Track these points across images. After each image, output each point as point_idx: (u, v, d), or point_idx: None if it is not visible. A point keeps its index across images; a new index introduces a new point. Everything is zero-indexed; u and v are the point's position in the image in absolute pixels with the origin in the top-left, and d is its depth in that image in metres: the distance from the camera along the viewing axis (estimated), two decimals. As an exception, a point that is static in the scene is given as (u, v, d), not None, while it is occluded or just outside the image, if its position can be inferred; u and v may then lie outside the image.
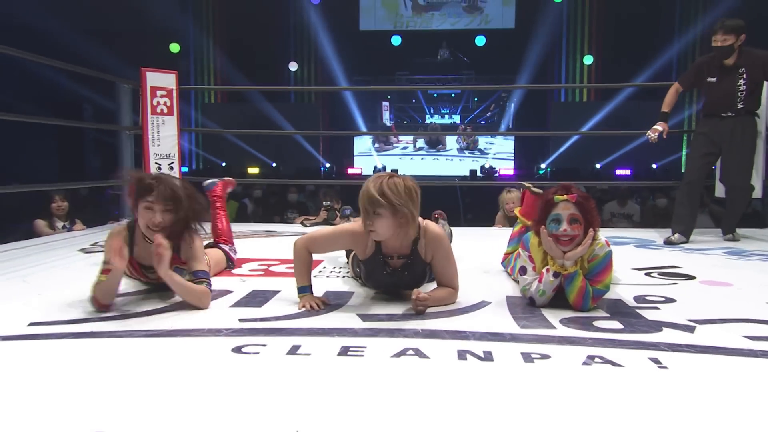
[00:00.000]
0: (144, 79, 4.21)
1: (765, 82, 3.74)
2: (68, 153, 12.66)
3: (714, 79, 3.70)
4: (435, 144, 16.66)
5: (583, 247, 2.01)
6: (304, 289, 2.14)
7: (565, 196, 2.01)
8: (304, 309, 2.04)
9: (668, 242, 3.65)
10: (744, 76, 3.60)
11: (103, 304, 1.97)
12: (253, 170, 13.43)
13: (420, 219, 2.11)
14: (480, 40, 15.58)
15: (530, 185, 2.82)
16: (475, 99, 17.01)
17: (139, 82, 4.32)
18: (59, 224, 4.54)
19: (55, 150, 12.50)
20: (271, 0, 14.98)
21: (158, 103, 4.24)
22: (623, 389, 1.35)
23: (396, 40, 15.87)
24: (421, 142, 16.84)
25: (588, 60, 14.69)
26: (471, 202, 10.34)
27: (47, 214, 4.53)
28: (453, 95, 16.98)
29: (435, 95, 17.05)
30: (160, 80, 4.26)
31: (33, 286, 2.41)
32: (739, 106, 3.64)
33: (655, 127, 3.88)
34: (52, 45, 9.58)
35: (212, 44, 15.40)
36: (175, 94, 4.32)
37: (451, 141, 16.64)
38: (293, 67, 15.70)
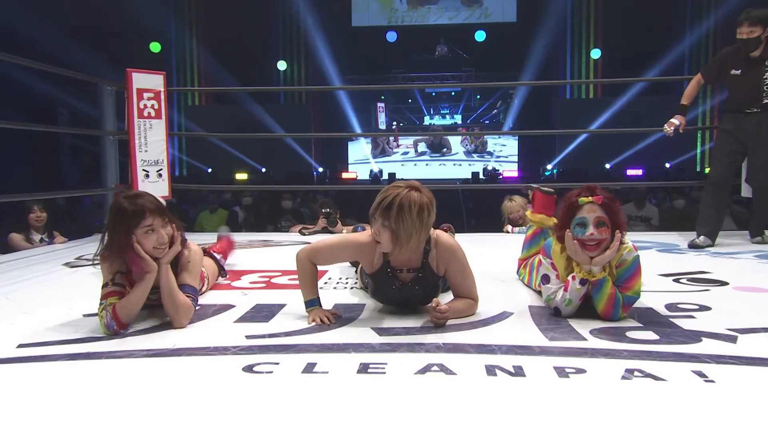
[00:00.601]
0: (130, 80, 4.18)
1: None
2: (43, 160, 12.59)
3: (738, 72, 3.66)
4: (438, 148, 16.56)
5: (612, 251, 1.99)
6: (312, 303, 2.12)
7: (590, 198, 2.00)
8: (314, 323, 2.02)
9: (693, 245, 3.64)
10: None
11: (124, 324, 1.92)
12: (242, 176, 13.40)
13: (432, 230, 2.09)
14: (480, 35, 15.62)
15: (538, 186, 2.83)
16: (478, 96, 17.01)
17: (123, 84, 4.29)
18: (36, 237, 4.48)
19: (29, 157, 12.43)
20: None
21: (145, 105, 4.21)
22: (670, 405, 1.34)
23: (391, 37, 15.91)
24: (422, 147, 16.76)
25: (596, 54, 14.74)
26: (474, 207, 10.36)
27: (23, 227, 4.47)
28: (453, 93, 16.96)
29: (433, 94, 17.04)
30: (147, 81, 4.23)
31: (18, 304, 2.38)
32: (765, 100, 3.60)
33: (671, 120, 3.86)
34: (19, 43, 9.54)
35: (195, 43, 15.39)
36: (163, 97, 4.30)
37: (456, 144, 16.58)
38: (282, 66, 15.70)
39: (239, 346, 1.77)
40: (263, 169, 14.44)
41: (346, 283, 2.72)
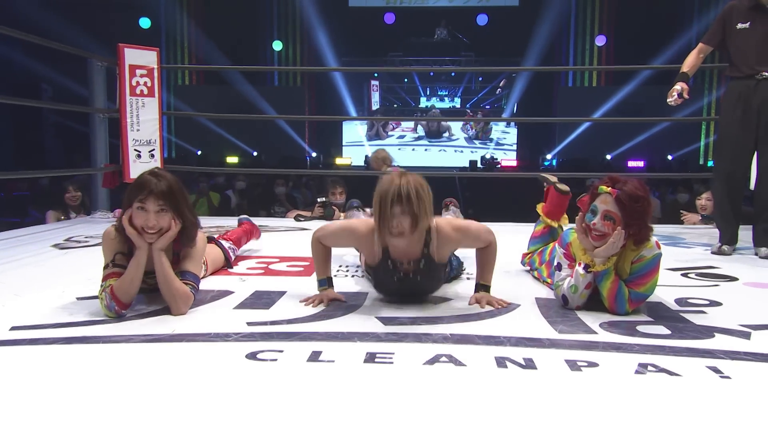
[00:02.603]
0: (122, 56, 4.14)
1: None
2: (25, 138, 12.48)
3: (746, 25, 3.16)
4: (436, 134, 16.44)
5: (607, 247, 1.99)
6: (322, 283, 2.21)
7: (607, 189, 2.00)
8: (321, 304, 2.08)
9: (719, 253, 3.26)
10: None
11: (125, 304, 1.92)
12: (232, 159, 13.34)
13: (431, 219, 2.08)
14: (482, 19, 15.54)
15: (555, 180, 2.79)
16: (479, 79, 16.86)
17: (114, 60, 4.25)
18: (72, 215, 4.66)
19: (9, 134, 12.32)
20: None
21: (138, 83, 4.18)
22: (687, 401, 1.35)
23: (389, 18, 15.81)
24: (420, 130, 16.64)
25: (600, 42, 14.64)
26: (472, 195, 10.37)
27: (60, 205, 4.64)
28: (453, 74, 16.79)
29: (431, 74, 16.89)
30: (140, 58, 4.19)
31: (7, 285, 2.36)
32: None
33: (674, 87, 3.37)
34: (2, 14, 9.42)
35: (187, 19, 15.23)
36: (156, 74, 4.26)
37: (457, 129, 16.45)
38: (278, 46, 15.59)
39: (241, 332, 1.76)
40: (255, 153, 14.38)
41: (347, 270, 2.72)
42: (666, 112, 12.65)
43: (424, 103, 17.20)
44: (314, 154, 15.13)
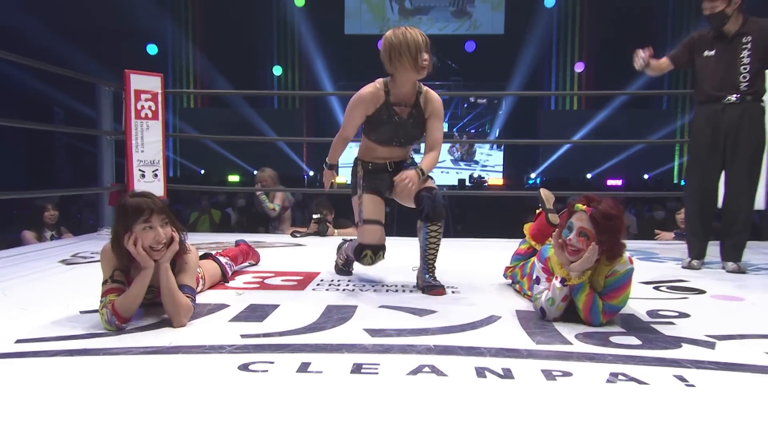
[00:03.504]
0: (128, 81, 4.15)
1: None
2: (37, 159, 12.46)
3: (712, 53, 3.21)
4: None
5: (582, 262, 2.01)
6: (330, 166, 2.74)
7: (583, 207, 2.02)
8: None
9: (689, 267, 3.28)
10: (749, 46, 3.10)
11: (125, 319, 1.91)
12: (234, 178, 13.34)
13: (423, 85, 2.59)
14: (470, 46, 15.70)
15: (550, 208, 2.70)
16: (464, 105, 17.04)
17: (120, 85, 4.26)
18: (48, 234, 4.55)
19: (23, 155, 12.29)
20: (254, 1, 14.97)
21: (143, 107, 4.19)
22: (654, 409, 1.35)
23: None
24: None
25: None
26: (460, 212, 10.39)
27: (36, 224, 4.53)
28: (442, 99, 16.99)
29: None
30: (145, 83, 4.21)
31: (14, 300, 2.35)
32: (743, 86, 3.13)
33: (637, 50, 3.38)
34: (15, 42, 9.44)
35: (192, 46, 15.32)
36: (160, 98, 4.27)
37: (444, 152, 16.54)
38: (278, 71, 15.68)
39: (235, 344, 1.76)
40: (255, 172, 14.39)
41: (338, 284, 2.72)
42: (641, 134, 12.79)
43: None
44: (311, 173, 15.14)
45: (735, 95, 3.17)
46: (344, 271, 2.95)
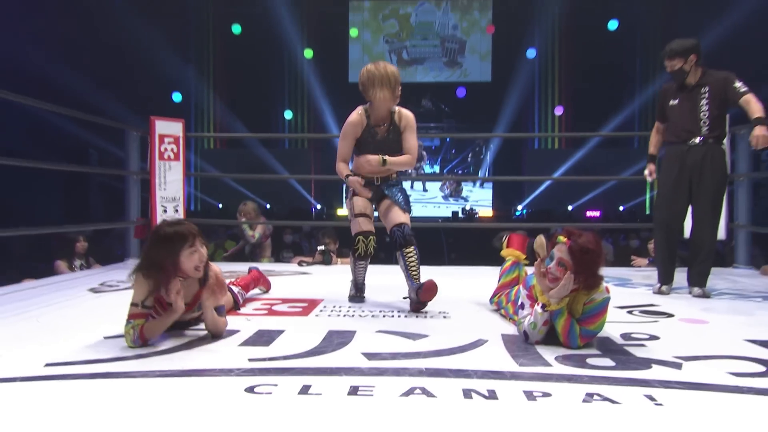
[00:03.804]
0: (153, 127, 4.21)
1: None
2: (74, 196, 12.52)
3: (676, 102, 3.32)
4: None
5: (559, 289, 2.00)
6: (347, 176, 2.81)
7: (563, 239, 2.02)
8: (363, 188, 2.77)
9: (659, 293, 3.29)
10: (707, 95, 3.21)
11: (148, 341, 1.99)
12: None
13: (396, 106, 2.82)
14: (461, 92, 15.89)
15: (500, 238, 2.88)
16: (453, 151, 17.29)
17: (147, 130, 4.32)
18: (77, 263, 4.57)
19: (60, 193, 12.36)
20: (268, 54, 15.24)
21: (165, 149, 4.24)
22: (625, 427, 1.33)
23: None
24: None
25: (612, 25, 14.32)
26: (454, 242, 10.38)
27: (68, 254, 4.57)
28: (433, 147, 17.18)
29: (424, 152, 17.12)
30: (168, 128, 4.26)
31: (46, 326, 2.34)
32: (704, 129, 3.21)
33: (646, 169, 3.56)
34: (56, 92, 9.58)
35: (212, 93, 15.54)
36: (181, 141, 4.32)
37: (434, 189, 16.56)
38: (288, 115, 15.86)
39: (242, 368, 1.75)
40: (268, 206, 14.43)
41: (339, 311, 2.70)
42: (615, 170, 12.85)
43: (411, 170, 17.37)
44: (318, 206, 15.19)
45: (698, 138, 3.23)
46: (357, 298, 2.98)
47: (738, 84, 3.13)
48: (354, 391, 1.56)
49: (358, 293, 3.01)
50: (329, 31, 15.81)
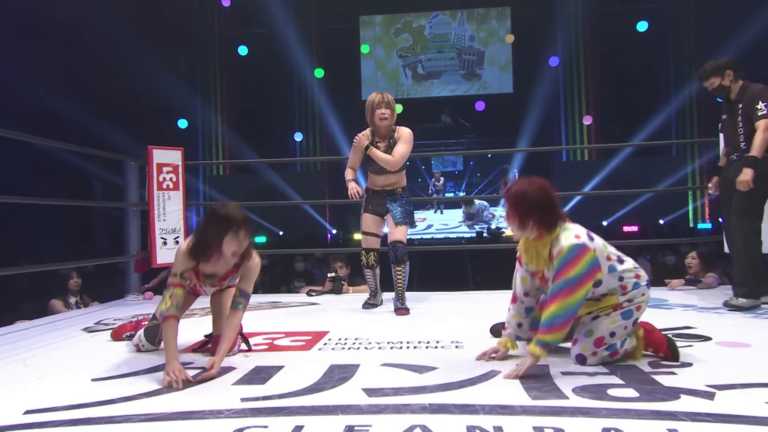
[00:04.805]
0: (150, 156, 4.30)
1: None
2: (76, 229, 12.79)
3: (724, 117, 3.54)
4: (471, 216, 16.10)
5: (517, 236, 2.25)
6: (348, 181, 3.58)
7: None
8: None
9: (736, 306, 3.30)
10: (740, 110, 3.38)
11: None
12: (260, 239, 13.47)
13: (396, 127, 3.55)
14: (479, 106, 15.92)
15: None
16: (478, 174, 17.27)
17: (146, 159, 4.40)
18: (72, 300, 4.57)
19: (63, 226, 12.64)
20: (276, 75, 15.51)
21: (164, 179, 4.31)
22: (643, 465, 1.29)
23: (398, 109, 16.25)
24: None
25: (642, 26, 14.11)
26: (478, 264, 10.27)
27: (63, 292, 4.55)
28: (456, 172, 17.15)
29: (441, 173, 17.10)
30: (166, 157, 4.34)
31: (33, 370, 2.36)
32: (742, 145, 3.36)
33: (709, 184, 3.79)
34: (58, 122, 9.89)
35: (219, 118, 15.83)
36: (180, 170, 4.40)
37: (454, 216, 16.32)
38: (299, 137, 16.06)
39: (233, 409, 1.74)
40: (280, 233, 14.53)
41: (344, 344, 2.68)
42: (653, 181, 12.67)
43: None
44: (334, 231, 15.23)
45: (736, 154, 3.44)
46: (368, 304, 3.65)
47: (761, 105, 3.27)
48: (349, 430, 1.53)
49: (370, 298, 3.69)
50: (340, 49, 16.05)
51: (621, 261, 2.19)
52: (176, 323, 2.21)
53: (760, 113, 3.25)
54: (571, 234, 2.10)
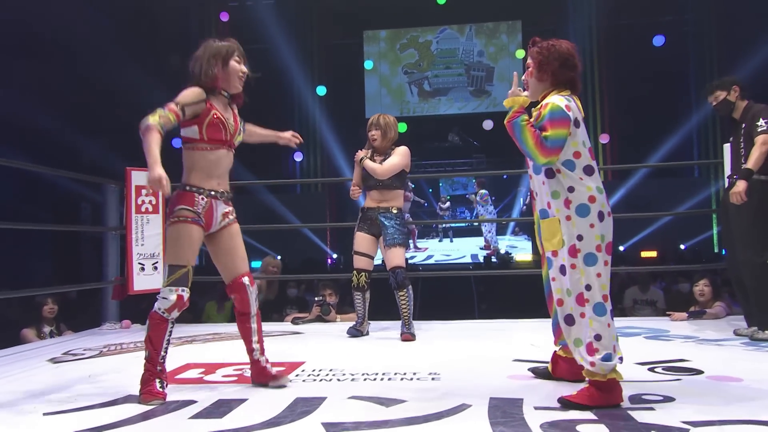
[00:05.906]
0: (129, 178, 4.37)
1: None
2: (63, 253, 12.93)
3: (731, 139, 3.60)
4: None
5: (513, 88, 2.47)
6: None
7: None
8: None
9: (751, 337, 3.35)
10: (742, 131, 3.45)
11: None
12: (256, 264, 13.52)
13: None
14: (487, 124, 16.02)
15: None
16: (493, 198, 17.31)
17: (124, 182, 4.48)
18: (46, 330, 4.54)
19: (48, 249, 12.79)
20: (275, 93, 15.72)
21: (143, 201, 4.38)
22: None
23: (402, 128, 16.37)
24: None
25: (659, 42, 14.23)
26: (485, 290, 10.22)
27: (37, 320, 4.51)
28: (467, 196, 17.19)
29: (449, 197, 17.15)
30: (145, 179, 4.40)
31: (-11, 402, 2.41)
32: (744, 167, 3.38)
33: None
34: (46, 142, 10.06)
35: (215, 138, 16.04)
36: (161, 192, 4.45)
37: (464, 245, 16.21)
38: (299, 157, 16.21)
39: (181, 443, 1.77)
40: (278, 257, 14.58)
41: (318, 374, 2.71)
42: (672, 203, 12.61)
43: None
44: (335, 256, 15.26)
45: (735, 176, 3.46)
46: (353, 330, 3.78)
47: (761, 122, 3.33)
48: (295, 468, 1.56)
49: (357, 324, 3.81)
50: (342, 65, 16.28)
51: (589, 172, 2.38)
52: (159, 137, 2.34)
53: (759, 129, 3.32)
54: (565, 102, 2.27)
